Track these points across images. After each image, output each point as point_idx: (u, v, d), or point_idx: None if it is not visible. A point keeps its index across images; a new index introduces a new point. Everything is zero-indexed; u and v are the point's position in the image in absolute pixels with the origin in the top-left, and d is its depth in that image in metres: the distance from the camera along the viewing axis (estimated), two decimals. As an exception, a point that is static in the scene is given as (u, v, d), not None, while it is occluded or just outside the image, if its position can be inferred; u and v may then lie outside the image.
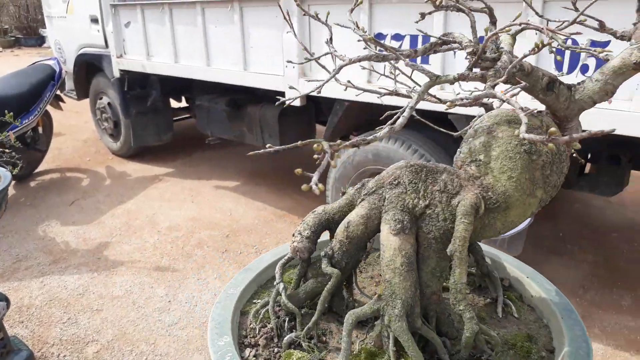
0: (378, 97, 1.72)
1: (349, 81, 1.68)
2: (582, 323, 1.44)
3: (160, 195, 6.09)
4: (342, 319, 1.47)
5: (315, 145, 0.97)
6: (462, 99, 1.14)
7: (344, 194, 1.56)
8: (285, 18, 1.77)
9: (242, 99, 5.74)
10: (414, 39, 3.72)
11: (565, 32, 1.20)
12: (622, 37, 1.53)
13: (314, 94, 4.37)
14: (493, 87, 1.15)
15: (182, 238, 5.01)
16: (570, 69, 3.05)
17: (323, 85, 1.43)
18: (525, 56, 1.16)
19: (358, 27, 1.55)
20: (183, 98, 7.54)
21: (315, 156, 1.15)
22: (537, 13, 1.67)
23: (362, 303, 1.54)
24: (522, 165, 1.33)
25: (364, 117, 4.78)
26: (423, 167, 1.39)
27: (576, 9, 1.56)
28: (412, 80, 1.59)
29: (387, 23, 3.81)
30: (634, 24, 1.51)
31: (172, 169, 6.99)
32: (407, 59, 1.28)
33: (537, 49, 1.12)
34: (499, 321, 1.58)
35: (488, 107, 1.66)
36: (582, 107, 1.38)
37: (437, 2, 1.23)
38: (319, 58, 1.48)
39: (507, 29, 1.15)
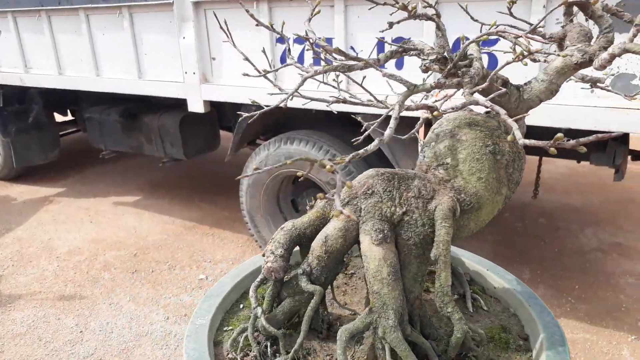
0: (327, 106, 1.68)
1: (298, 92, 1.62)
2: (548, 309, 1.51)
3: (54, 218, 5.57)
4: (321, 335, 1.42)
5: (328, 167, 0.89)
6: (453, 108, 1.13)
7: (311, 207, 1.49)
8: (221, 27, 1.68)
9: (137, 108, 5.41)
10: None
11: (540, 39, 1.24)
12: (550, 39, 1.63)
13: (236, 101, 4.21)
14: (472, 93, 1.16)
15: (85, 262, 4.61)
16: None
17: (288, 98, 1.35)
18: (507, 63, 1.18)
19: (307, 37, 1.49)
20: (69, 111, 6.96)
21: (300, 173, 1.08)
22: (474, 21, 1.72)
23: (337, 316, 1.49)
24: (489, 165, 1.36)
25: (272, 121, 4.72)
26: (394, 174, 1.37)
27: (511, 14, 1.63)
28: (363, 87, 1.57)
29: (287, 26, 3.77)
30: (562, 27, 1.61)
31: (63, 189, 6.42)
32: (383, 69, 1.25)
33: (521, 56, 1.14)
34: (471, 316, 1.61)
35: (433, 111, 1.68)
36: (530, 106, 1.44)
37: (412, 12, 1.21)
38: (277, 70, 1.40)
39: (484, 37, 1.15)
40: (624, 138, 3.51)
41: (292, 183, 4.51)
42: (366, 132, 1.23)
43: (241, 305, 1.63)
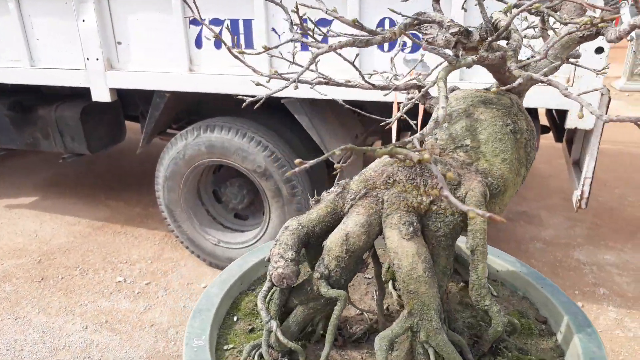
0: (310, 87, 1.47)
1: (279, 71, 1.39)
2: (559, 289, 1.43)
3: None
4: (337, 342, 1.22)
5: (422, 157, 0.69)
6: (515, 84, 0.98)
7: (317, 201, 1.27)
8: (186, 2, 1.41)
9: (30, 100, 4.72)
10: (234, 22, 3.45)
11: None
12: (536, 13, 1.55)
13: (189, 89, 3.78)
14: (523, 67, 1.02)
15: (-21, 274, 3.98)
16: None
17: (296, 79, 1.12)
18: (568, 33, 1.05)
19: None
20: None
21: (337, 165, 0.88)
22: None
23: (342, 318, 1.30)
24: (511, 145, 1.23)
25: (184, 108, 4.35)
26: (415, 160, 1.20)
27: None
28: (356, 68, 1.38)
29: (204, 7, 3.46)
30: (550, 1, 1.53)
31: (-59, 193, 5.52)
32: (425, 43, 1.07)
33: (588, 24, 1.02)
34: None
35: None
36: (534, 82, 1.34)
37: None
38: (278, 46, 1.16)
39: (536, 4, 1.02)
40: (534, 113, 3.64)
41: (213, 173, 4.20)
42: (395, 116, 1.05)
43: (235, 318, 1.37)
